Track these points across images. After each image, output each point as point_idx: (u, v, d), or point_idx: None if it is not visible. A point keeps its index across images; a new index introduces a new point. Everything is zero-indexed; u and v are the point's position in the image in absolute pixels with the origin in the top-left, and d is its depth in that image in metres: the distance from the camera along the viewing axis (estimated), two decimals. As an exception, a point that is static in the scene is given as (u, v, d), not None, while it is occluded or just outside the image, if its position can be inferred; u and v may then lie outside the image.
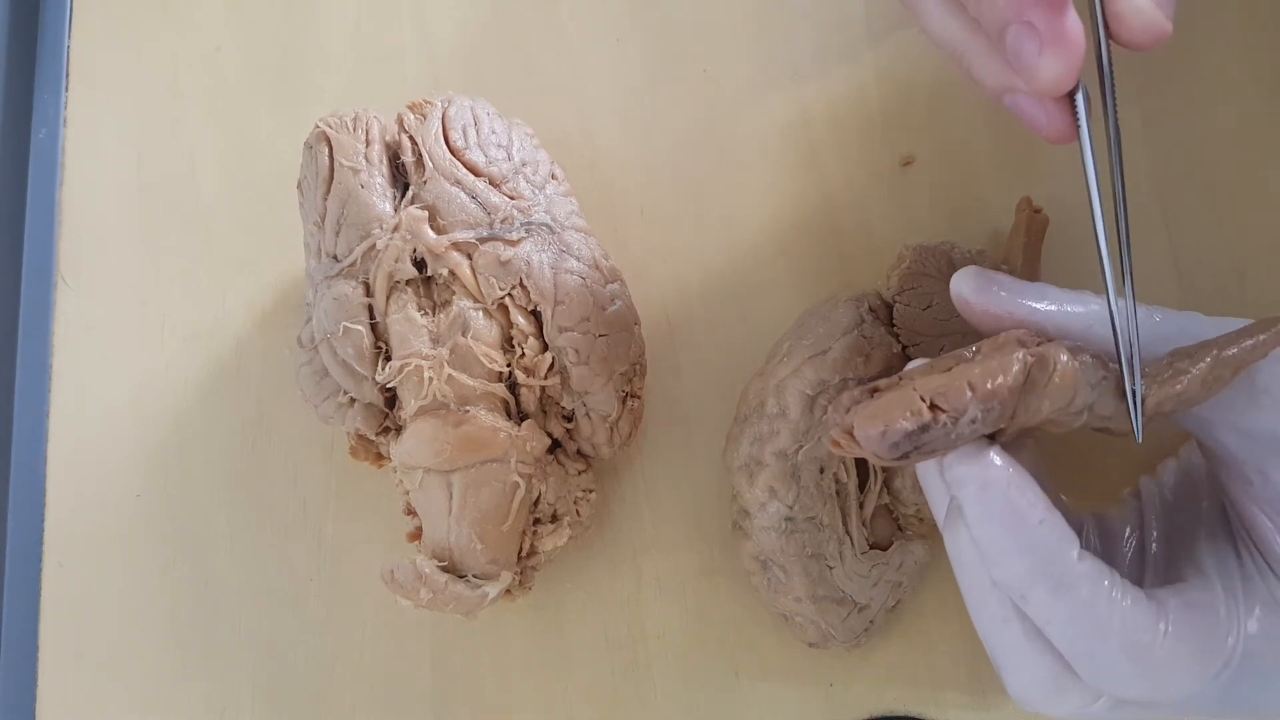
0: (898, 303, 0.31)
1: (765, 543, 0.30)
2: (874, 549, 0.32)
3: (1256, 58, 0.36)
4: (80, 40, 0.41)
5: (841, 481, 0.31)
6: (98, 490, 0.37)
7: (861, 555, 0.31)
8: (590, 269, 0.32)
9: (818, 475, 0.30)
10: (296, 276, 0.38)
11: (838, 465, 0.30)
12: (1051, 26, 0.23)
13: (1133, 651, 0.23)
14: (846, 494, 0.31)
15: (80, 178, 0.40)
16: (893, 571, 0.31)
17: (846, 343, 0.30)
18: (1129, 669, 0.23)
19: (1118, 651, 0.23)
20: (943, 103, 0.37)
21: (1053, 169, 0.36)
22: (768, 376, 0.31)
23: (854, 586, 0.31)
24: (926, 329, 0.31)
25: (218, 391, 0.37)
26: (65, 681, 0.36)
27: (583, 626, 0.35)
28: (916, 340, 0.31)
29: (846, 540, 0.31)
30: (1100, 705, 0.25)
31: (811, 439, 0.30)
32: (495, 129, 0.33)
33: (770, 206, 0.37)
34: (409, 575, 0.30)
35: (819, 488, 0.30)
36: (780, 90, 0.37)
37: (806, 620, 0.31)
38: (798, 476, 0.30)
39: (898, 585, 0.32)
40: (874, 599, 0.31)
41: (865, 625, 0.31)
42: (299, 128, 0.34)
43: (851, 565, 0.31)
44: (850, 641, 0.32)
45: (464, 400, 0.31)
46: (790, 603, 0.31)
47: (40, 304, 0.39)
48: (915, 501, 0.31)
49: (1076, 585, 0.23)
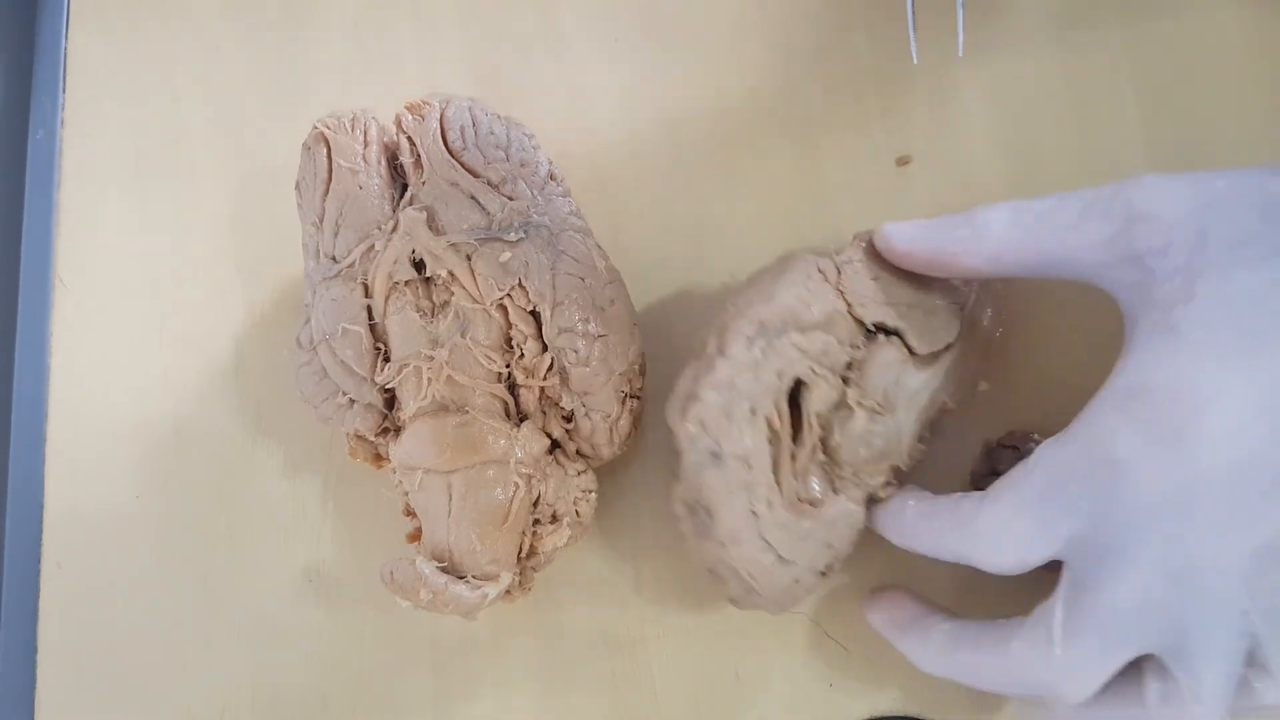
0: (846, 267, 0.31)
1: (691, 481, 0.29)
2: (806, 504, 0.31)
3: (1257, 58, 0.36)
4: (78, 41, 0.41)
5: (774, 427, 0.30)
6: (97, 490, 0.37)
7: (790, 506, 0.30)
8: (589, 269, 0.32)
9: (749, 414, 0.29)
10: (295, 277, 0.38)
11: (770, 409, 0.30)
12: None
13: (965, 528, 0.28)
14: (779, 442, 0.30)
15: (78, 179, 0.40)
16: (824, 529, 0.30)
17: (792, 291, 0.30)
18: (969, 544, 0.28)
19: (958, 536, 0.28)
20: (941, 102, 0.37)
21: (1054, 169, 0.36)
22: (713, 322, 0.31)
23: (780, 538, 0.30)
24: (871, 295, 0.30)
25: (217, 392, 0.37)
26: (65, 681, 0.36)
27: (583, 626, 0.35)
28: (862, 302, 0.30)
29: (775, 489, 0.30)
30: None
31: (746, 377, 0.29)
32: (493, 129, 0.33)
33: (769, 206, 0.37)
34: (409, 576, 0.30)
35: (750, 427, 0.29)
36: (780, 90, 0.37)
37: (728, 570, 0.30)
38: (729, 413, 0.29)
39: (829, 546, 0.30)
40: (801, 556, 0.30)
41: (791, 583, 0.30)
42: (298, 128, 0.34)
43: (780, 515, 0.30)
44: (775, 602, 0.30)
45: (463, 401, 0.31)
46: (713, 549, 0.30)
47: (39, 305, 0.39)
48: (852, 462, 0.30)
49: (917, 522, 0.29)
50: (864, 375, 0.30)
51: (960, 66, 0.37)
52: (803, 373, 0.30)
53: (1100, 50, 0.36)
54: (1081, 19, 0.37)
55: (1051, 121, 0.36)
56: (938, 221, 0.30)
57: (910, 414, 0.31)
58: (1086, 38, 0.36)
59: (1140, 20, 0.36)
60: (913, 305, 0.31)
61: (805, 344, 0.30)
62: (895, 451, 0.31)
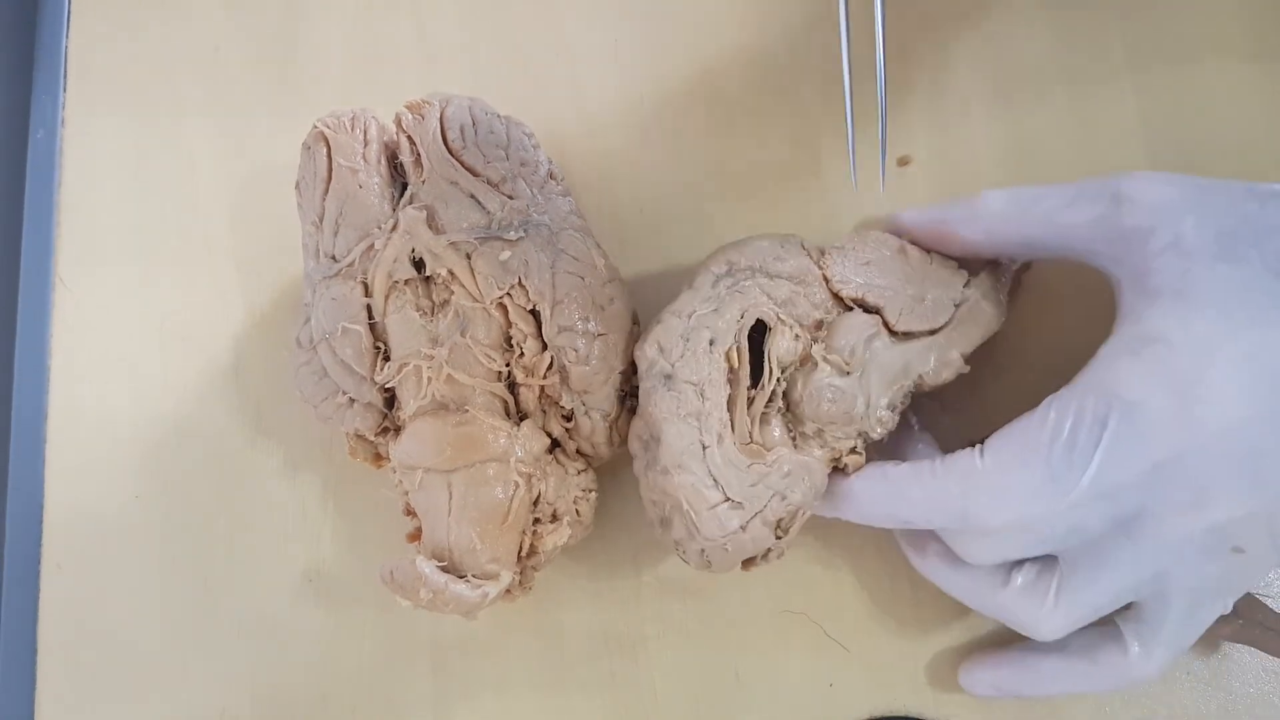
0: (833, 251, 0.31)
1: (644, 408, 0.30)
2: (762, 448, 0.30)
3: (1257, 58, 0.36)
4: (78, 41, 0.41)
5: (732, 363, 0.30)
6: (97, 490, 0.37)
7: (744, 448, 0.30)
8: (589, 268, 0.32)
9: (707, 345, 0.30)
10: (295, 276, 0.38)
11: (730, 343, 0.30)
12: None
13: (963, 480, 0.28)
14: (737, 381, 0.30)
15: (78, 178, 0.40)
16: (777, 478, 0.29)
17: (767, 244, 0.31)
18: (967, 497, 0.28)
19: (956, 487, 0.28)
20: (941, 102, 0.37)
21: (1054, 169, 0.36)
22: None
23: (729, 477, 0.29)
24: (854, 275, 0.31)
25: (217, 392, 0.37)
26: (65, 681, 0.36)
27: (583, 626, 0.35)
28: (843, 279, 0.31)
29: (728, 425, 0.30)
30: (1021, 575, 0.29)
31: (708, 309, 0.30)
32: (493, 129, 0.33)
33: (769, 206, 0.37)
34: (409, 575, 0.30)
35: (708, 357, 0.30)
36: (780, 90, 0.37)
37: (672, 504, 0.29)
38: (686, 337, 0.30)
39: (782, 498, 0.29)
40: (751, 502, 0.29)
41: (737, 530, 0.29)
42: (297, 128, 0.34)
43: (730, 452, 0.29)
44: (720, 550, 0.29)
45: (463, 400, 0.31)
46: (657, 477, 0.30)
47: (39, 304, 0.39)
48: (815, 418, 0.30)
49: (906, 479, 0.29)
50: (832, 334, 0.30)
51: (960, 67, 0.37)
52: (766, 315, 0.30)
53: (1101, 50, 0.36)
54: (1081, 19, 0.37)
55: (1052, 122, 0.36)
56: (938, 204, 0.31)
57: (881, 380, 0.30)
58: (1087, 38, 0.37)
59: (1141, 20, 0.36)
60: (899, 291, 0.31)
61: (771, 288, 0.30)
62: (862, 416, 0.30)
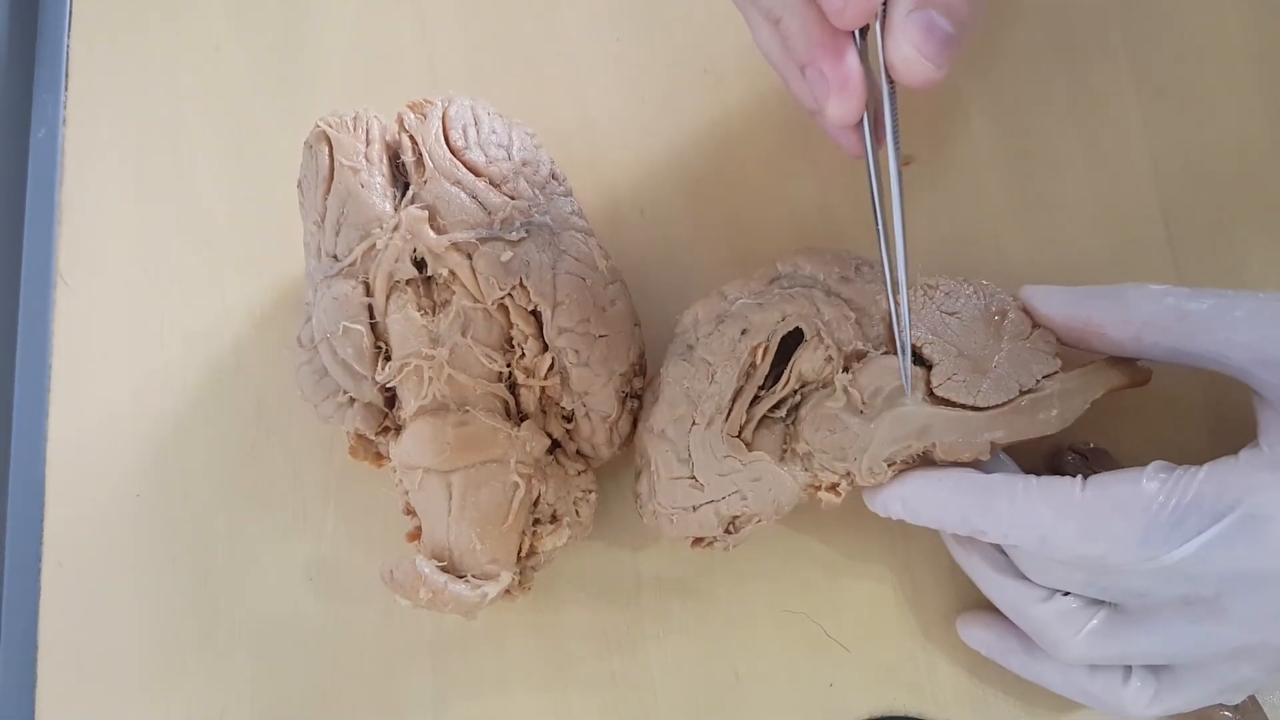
0: (927, 290, 0.31)
1: (664, 365, 0.31)
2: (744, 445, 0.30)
3: (1257, 59, 0.36)
4: (79, 40, 0.41)
5: (755, 358, 0.30)
6: (98, 490, 0.37)
7: (728, 438, 0.30)
8: (590, 269, 0.32)
9: (738, 334, 0.30)
10: (296, 276, 0.38)
11: (761, 341, 0.30)
12: (835, 74, 0.27)
13: (1057, 506, 0.27)
14: (753, 375, 0.30)
15: (79, 178, 0.40)
16: (745, 478, 0.30)
17: (839, 264, 0.32)
18: (1055, 524, 0.27)
19: (1047, 510, 0.27)
20: (941, 102, 0.37)
21: (1054, 169, 0.36)
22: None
23: (702, 458, 0.30)
24: (923, 322, 0.30)
25: (217, 391, 0.37)
26: (65, 681, 0.36)
27: (583, 626, 0.35)
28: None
29: (723, 412, 0.30)
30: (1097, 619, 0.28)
31: (753, 304, 0.30)
32: (496, 129, 0.33)
33: (770, 206, 0.37)
34: (409, 575, 0.30)
35: (732, 344, 0.30)
36: (780, 90, 0.37)
37: (645, 461, 0.31)
38: (721, 320, 0.31)
39: (741, 496, 0.30)
40: (712, 488, 0.30)
41: (688, 509, 0.30)
42: (299, 127, 0.34)
43: (712, 438, 0.30)
44: (667, 519, 0.31)
45: (463, 400, 0.31)
46: (644, 431, 0.31)
47: (40, 304, 0.39)
48: (809, 441, 0.30)
49: (995, 490, 0.28)
50: (863, 369, 0.30)
51: (962, 69, 0.37)
52: (806, 326, 0.30)
53: (1102, 52, 0.36)
54: (1082, 21, 0.37)
55: (1052, 122, 0.36)
56: (1082, 291, 0.29)
57: (891, 434, 0.29)
58: (1088, 39, 0.37)
59: (1142, 21, 0.36)
60: (964, 355, 0.29)
61: (823, 304, 0.30)
62: (855, 459, 0.30)
